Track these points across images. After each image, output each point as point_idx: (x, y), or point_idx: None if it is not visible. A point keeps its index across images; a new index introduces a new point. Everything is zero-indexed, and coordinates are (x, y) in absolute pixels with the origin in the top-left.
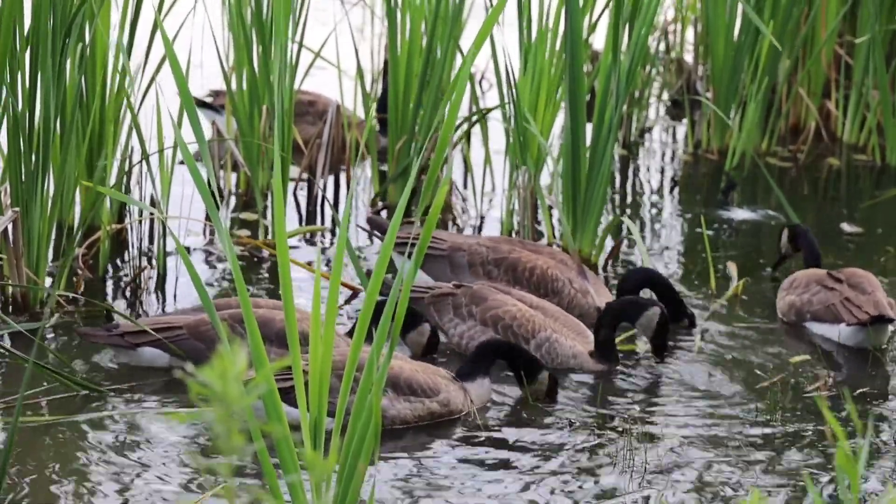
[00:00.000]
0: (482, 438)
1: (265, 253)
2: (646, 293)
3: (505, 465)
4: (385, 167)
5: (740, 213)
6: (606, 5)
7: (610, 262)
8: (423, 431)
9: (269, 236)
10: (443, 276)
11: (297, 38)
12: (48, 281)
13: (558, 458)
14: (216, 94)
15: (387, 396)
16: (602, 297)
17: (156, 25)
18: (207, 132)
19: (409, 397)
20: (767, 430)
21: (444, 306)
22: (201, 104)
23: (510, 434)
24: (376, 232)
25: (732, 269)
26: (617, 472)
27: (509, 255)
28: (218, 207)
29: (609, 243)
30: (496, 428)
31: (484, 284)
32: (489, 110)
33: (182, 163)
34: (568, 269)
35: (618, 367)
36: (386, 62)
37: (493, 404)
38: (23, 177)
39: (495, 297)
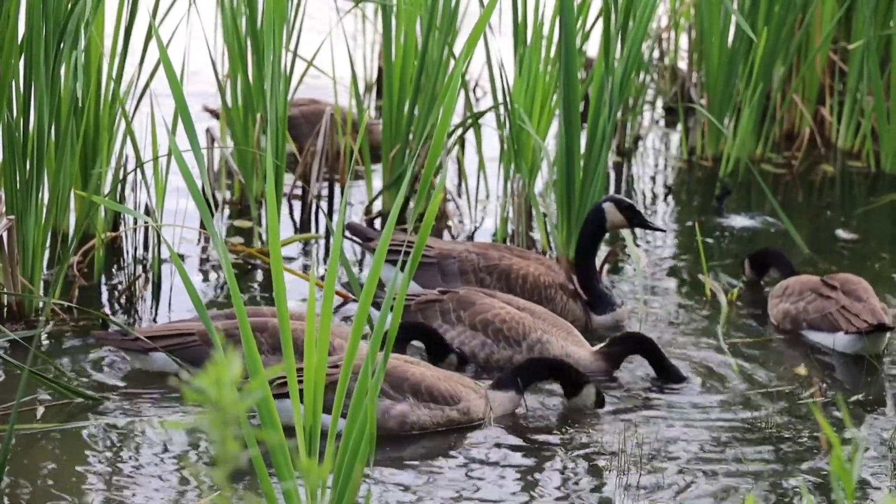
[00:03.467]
0: (479, 444)
1: (258, 261)
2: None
3: (502, 472)
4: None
5: (738, 220)
6: (600, 13)
7: (605, 269)
8: (420, 437)
9: (264, 244)
10: (433, 284)
11: (292, 46)
12: (43, 289)
13: (554, 464)
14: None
15: (407, 402)
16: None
17: (150, 32)
18: (202, 140)
19: (429, 404)
20: (763, 437)
21: (431, 313)
22: (216, 114)
23: (508, 440)
24: (356, 238)
25: (716, 287)
26: (613, 477)
27: (500, 262)
28: (212, 215)
29: (604, 249)
30: (494, 434)
31: (470, 289)
32: (483, 113)
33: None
34: (557, 276)
35: (615, 373)
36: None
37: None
38: (17, 185)
39: (483, 302)
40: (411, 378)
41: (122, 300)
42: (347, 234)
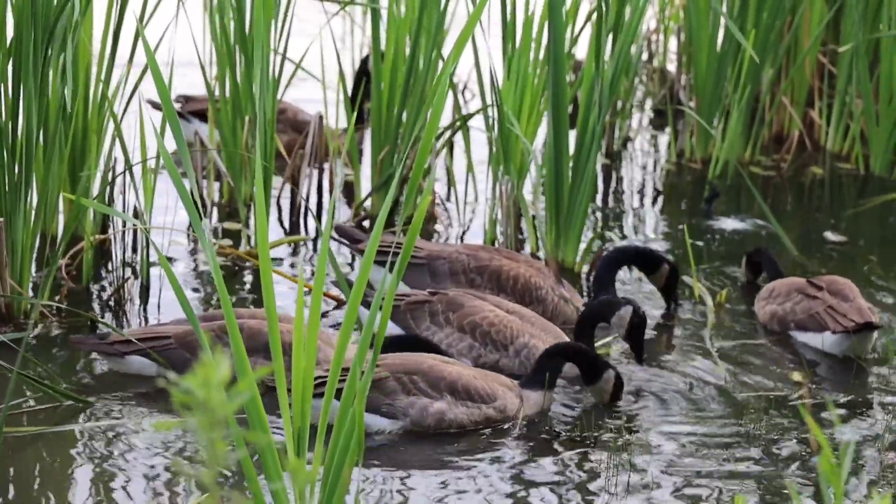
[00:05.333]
0: (471, 445)
1: (248, 263)
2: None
3: (494, 472)
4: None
5: (727, 223)
6: (589, 15)
7: (593, 272)
8: (409, 441)
9: (253, 246)
10: (423, 285)
11: (280, 48)
12: (32, 291)
13: (546, 466)
14: (186, 99)
15: (445, 400)
16: (578, 303)
17: (137, 35)
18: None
19: (466, 402)
20: (752, 439)
21: (420, 314)
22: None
23: (500, 442)
24: (344, 241)
25: (703, 290)
26: (602, 482)
27: (491, 264)
28: (201, 218)
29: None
30: (487, 435)
31: (459, 291)
32: (472, 115)
33: (164, 169)
34: (546, 277)
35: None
36: (360, 67)
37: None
38: (6, 187)
39: (472, 304)
40: (448, 377)
41: (111, 303)
42: (336, 236)
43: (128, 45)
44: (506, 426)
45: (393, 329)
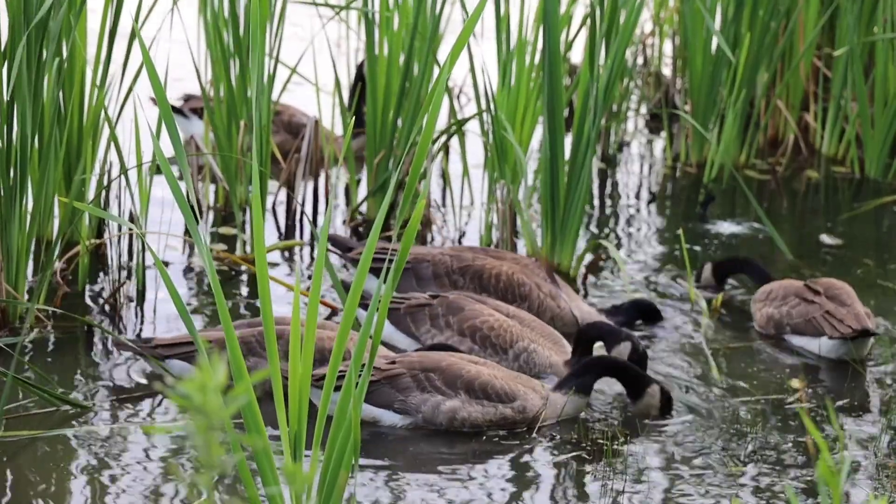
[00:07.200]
0: (465, 448)
1: (243, 267)
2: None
3: (486, 476)
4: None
5: (723, 226)
6: (584, 20)
7: (588, 276)
8: (405, 443)
9: (248, 251)
10: (408, 289)
11: (275, 52)
12: (27, 296)
13: (539, 470)
14: (188, 97)
15: (458, 398)
16: (574, 301)
17: (133, 37)
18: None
19: (482, 401)
20: (748, 442)
21: (420, 317)
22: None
23: (492, 446)
24: (336, 250)
25: (699, 294)
26: (599, 483)
27: (474, 263)
28: (197, 222)
29: (588, 256)
30: (480, 438)
31: (460, 294)
32: (466, 120)
33: (159, 171)
34: (533, 274)
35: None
36: (357, 72)
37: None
38: (1, 192)
39: (472, 308)
40: (465, 375)
41: (107, 307)
42: (328, 246)
43: (123, 48)
44: (525, 428)
45: (392, 331)
